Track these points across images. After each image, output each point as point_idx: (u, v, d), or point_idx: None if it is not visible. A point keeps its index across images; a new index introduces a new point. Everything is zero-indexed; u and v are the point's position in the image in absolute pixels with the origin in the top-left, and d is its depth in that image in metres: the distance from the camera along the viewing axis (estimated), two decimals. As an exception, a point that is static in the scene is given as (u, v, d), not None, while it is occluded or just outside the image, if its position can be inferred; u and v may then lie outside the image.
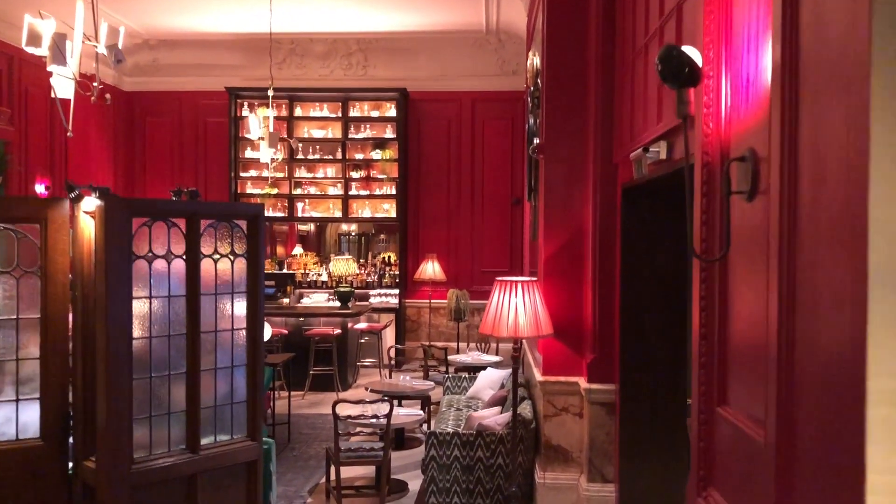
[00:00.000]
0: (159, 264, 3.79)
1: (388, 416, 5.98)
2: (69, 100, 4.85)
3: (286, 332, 10.31)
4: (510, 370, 8.03)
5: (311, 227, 13.54)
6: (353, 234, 13.91)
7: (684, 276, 5.45)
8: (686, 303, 5.44)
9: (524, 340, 7.79)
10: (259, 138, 9.15)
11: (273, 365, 7.38)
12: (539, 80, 6.60)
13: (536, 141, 6.56)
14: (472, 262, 12.80)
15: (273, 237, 13.47)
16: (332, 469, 6.07)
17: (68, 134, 4.92)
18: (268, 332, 7.63)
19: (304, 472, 7.00)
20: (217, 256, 4.01)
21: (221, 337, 4.04)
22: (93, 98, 4.85)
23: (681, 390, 5.45)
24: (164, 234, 3.79)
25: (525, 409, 6.35)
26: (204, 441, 3.99)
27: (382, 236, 13.77)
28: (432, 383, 8.17)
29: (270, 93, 9.54)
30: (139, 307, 3.71)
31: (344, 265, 11.03)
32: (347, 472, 6.99)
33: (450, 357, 9.74)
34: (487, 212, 12.72)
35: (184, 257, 3.87)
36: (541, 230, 6.10)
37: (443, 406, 7.80)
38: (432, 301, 12.36)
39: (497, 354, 10.21)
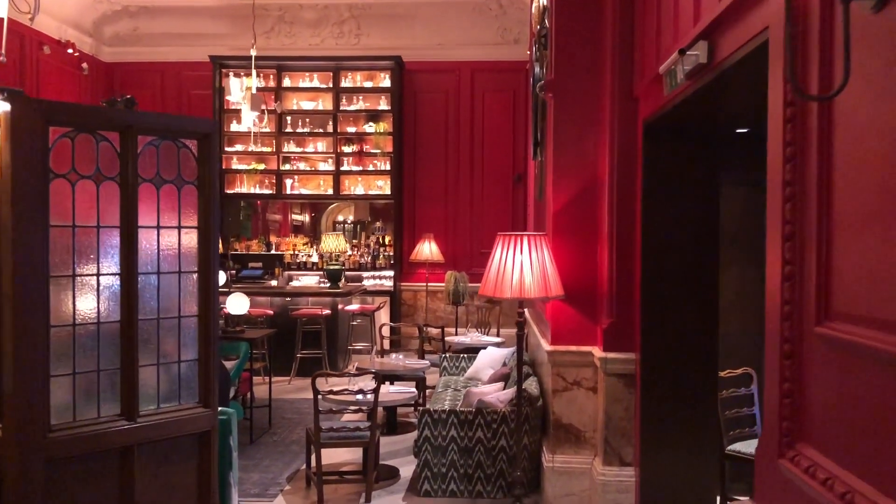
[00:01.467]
0: (85, 187, 3.07)
1: (376, 391, 5.26)
2: (1, 19, 4.13)
3: (271, 312, 9.60)
4: (513, 349, 7.33)
5: (307, 217, 12.77)
6: (350, 221, 13.18)
7: (716, 228, 4.74)
8: (716, 265, 4.74)
9: (528, 317, 7.09)
10: (240, 100, 8.42)
11: (250, 339, 6.67)
12: (546, 19, 5.89)
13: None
14: (472, 243, 12.08)
15: (266, 226, 12.73)
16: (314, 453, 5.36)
17: (1, 59, 4.20)
18: (243, 304, 6.92)
19: (283, 457, 6.29)
20: (160, 181, 3.29)
21: (167, 281, 3.33)
22: (32, 17, 4.13)
23: (711, 358, 4.74)
24: (92, 151, 3.08)
25: (531, 385, 5.65)
26: (144, 407, 3.28)
27: (378, 224, 13.01)
28: (427, 362, 7.46)
29: (253, 52, 8.81)
30: (59, 238, 3.00)
31: (334, 241, 10.31)
32: (332, 456, 6.28)
33: (447, 338, 9.03)
34: (487, 189, 12.01)
35: (117, 180, 3.16)
36: (549, 182, 5.39)
37: (439, 387, 7.09)
38: (429, 284, 11.64)
39: (498, 336, 9.50)
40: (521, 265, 4.81)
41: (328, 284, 10.33)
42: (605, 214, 5.00)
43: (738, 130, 5.15)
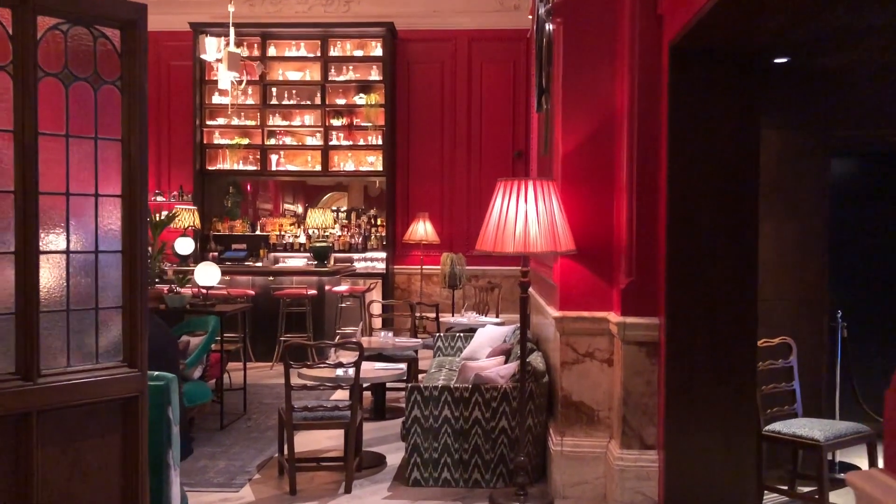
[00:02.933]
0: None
1: (357, 363, 4.55)
2: None
3: (252, 292, 8.87)
4: (514, 326, 6.62)
5: (299, 207, 11.98)
6: (343, 210, 12.43)
7: (756, 170, 4.03)
8: (756, 214, 4.04)
9: (532, 291, 6.40)
10: (216, 60, 7.71)
11: (220, 314, 5.97)
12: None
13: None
14: (469, 223, 11.36)
15: (256, 215, 12.00)
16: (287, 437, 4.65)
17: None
18: (213, 275, 6.21)
19: (257, 444, 5.59)
20: (70, 77, 2.58)
21: (79, 205, 2.62)
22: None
23: (749, 324, 4.04)
24: (-25, 30, 2.37)
25: (535, 360, 4.94)
26: (48, 365, 2.57)
27: (373, 212, 12.26)
28: (419, 341, 6.76)
29: (231, 7, 8.09)
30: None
31: (320, 216, 9.59)
32: (311, 442, 5.58)
33: (443, 318, 8.33)
34: (486, 166, 11.30)
35: (9, 70, 2.45)
36: (557, 123, 4.68)
37: (432, 368, 6.38)
38: (424, 267, 10.94)
39: (498, 316, 8.79)
40: (526, 215, 4.11)
41: (315, 264, 9.61)
42: (624, 157, 4.29)
43: (776, 60, 4.45)
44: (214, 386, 6.47)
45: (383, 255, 11.20)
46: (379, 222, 11.51)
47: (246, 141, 11.19)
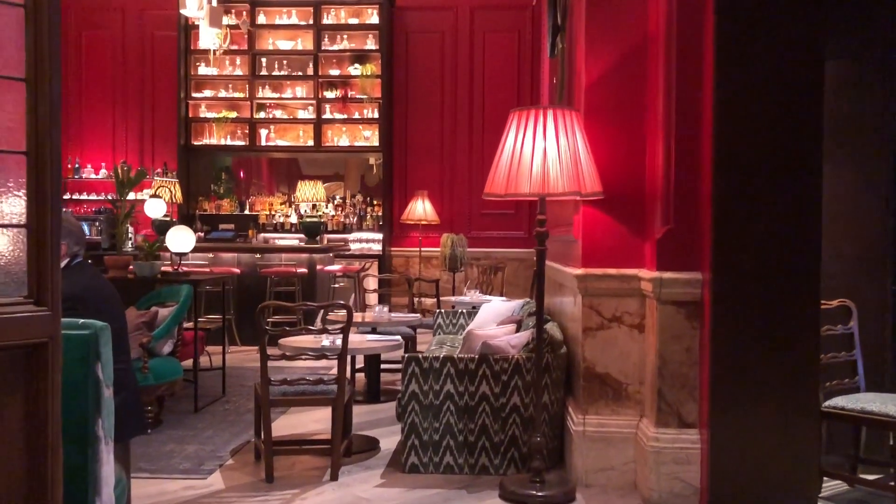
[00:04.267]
0: None
1: (345, 329, 3.90)
2: None
3: (237, 271, 8.22)
4: (521, 301, 5.99)
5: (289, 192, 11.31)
6: (339, 197, 11.76)
7: (821, 99, 3.38)
8: (820, 153, 3.38)
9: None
10: (197, 14, 7.06)
11: (193, 282, 5.31)
12: None
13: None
14: (471, 203, 10.74)
15: (245, 193, 11.33)
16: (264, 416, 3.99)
17: None
18: (187, 240, 5.55)
19: (233, 427, 4.94)
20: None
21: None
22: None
23: (811, 281, 3.39)
24: None
25: (552, 329, 4.29)
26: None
27: (375, 202, 11.60)
28: (418, 315, 6.11)
29: (213, -43, 7.44)
30: None
31: (311, 189, 8.92)
32: (295, 424, 4.93)
33: (443, 299, 7.69)
34: (489, 143, 10.63)
35: None
36: (579, 49, 4.03)
37: (432, 345, 5.73)
38: (423, 249, 10.29)
39: (502, 296, 8.14)
40: (545, 152, 3.46)
41: (306, 240, 8.96)
42: (660, 85, 3.65)
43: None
44: (193, 367, 5.84)
45: (379, 235, 10.55)
46: (375, 201, 10.86)
47: (234, 114, 10.54)
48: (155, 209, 5.64)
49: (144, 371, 4.72)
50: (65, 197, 10.89)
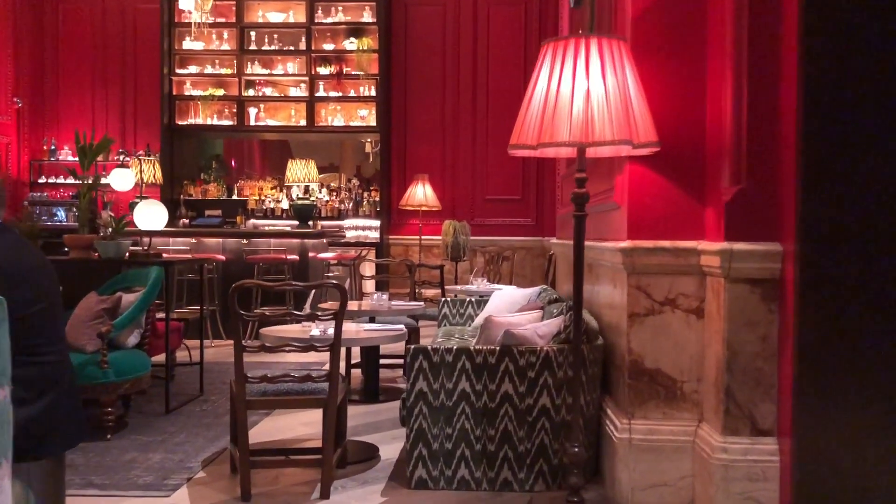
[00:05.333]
0: None
1: (339, 314, 3.20)
2: None
3: (222, 258, 7.53)
4: (538, 288, 5.30)
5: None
6: (334, 186, 11.07)
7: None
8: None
9: (561, 244, 5.10)
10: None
11: (163, 264, 4.60)
12: None
13: None
14: (474, 188, 10.08)
15: (234, 177, 10.62)
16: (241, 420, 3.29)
17: None
18: (157, 216, 4.85)
19: (208, 431, 4.24)
20: None
21: None
22: None
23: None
24: None
25: (584, 316, 3.58)
26: None
27: (372, 186, 10.92)
28: (421, 303, 5.42)
29: None
30: None
31: (303, 168, 8.22)
32: (282, 428, 4.25)
33: (448, 288, 7.00)
34: (493, 123, 9.99)
35: None
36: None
37: (438, 337, 5.03)
38: (423, 237, 9.61)
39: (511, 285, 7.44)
40: (588, 92, 2.76)
41: (297, 225, 8.27)
42: (728, 9, 2.95)
43: None
44: (165, 362, 5.16)
45: (377, 222, 9.88)
46: (371, 186, 10.17)
47: (221, 92, 9.86)
48: (122, 181, 4.93)
49: (103, 366, 4.03)
50: (39, 180, 10.19)
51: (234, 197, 10.13)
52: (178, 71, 9.85)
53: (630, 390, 3.14)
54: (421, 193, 9.38)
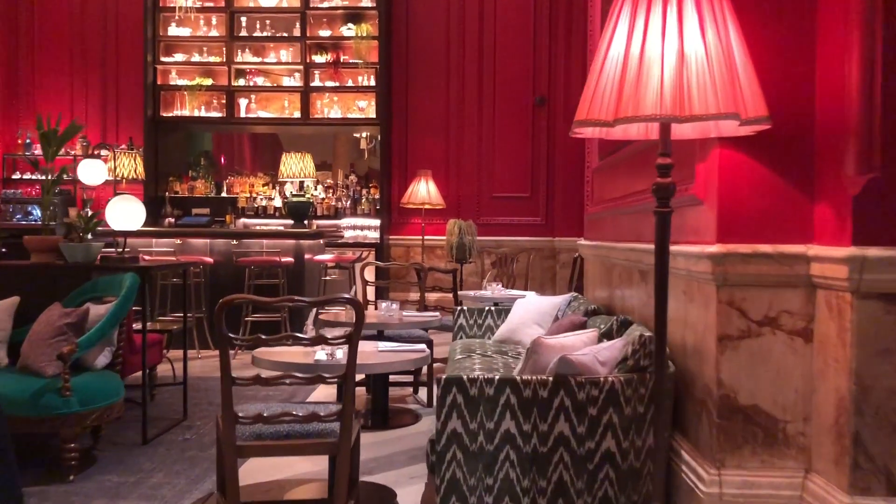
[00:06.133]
0: None
1: (354, 335, 2.55)
2: None
3: (210, 260, 6.87)
4: (569, 296, 4.67)
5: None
6: (329, 183, 10.39)
7: None
8: None
9: (589, 247, 4.49)
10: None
11: (141, 269, 3.93)
12: None
13: None
14: (480, 184, 9.44)
15: (223, 173, 9.93)
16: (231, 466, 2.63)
17: None
18: (135, 215, 4.18)
19: (192, 469, 3.58)
20: None
21: None
22: None
23: None
24: None
25: (640, 333, 2.95)
26: None
27: (371, 183, 10.24)
28: (437, 314, 4.78)
29: None
30: None
31: (298, 162, 7.55)
32: (278, 466, 3.58)
33: (461, 292, 6.36)
34: (501, 116, 9.37)
35: None
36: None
37: (456, 354, 4.37)
38: (426, 237, 8.97)
39: (525, 290, 6.81)
40: (681, 54, 2.12)
41: (292, 225, 7.61)
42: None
43: None
44: (149, 380, 4.51)
45: (376, 221, 9.22)
46: (371, 182, 9.51)
47: (209, 82, 9.18)
48: (91, 173, 4.25)
49: (65, 393, 3.37)
50: (14, 176, 9.48)
51: (224, 194, 9.45)
52: (163, 59, 9.17)
53: (719, 432, 2.51)
54: (424, 190, 8.74)
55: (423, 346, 3.49)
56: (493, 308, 5.04)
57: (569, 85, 9.06)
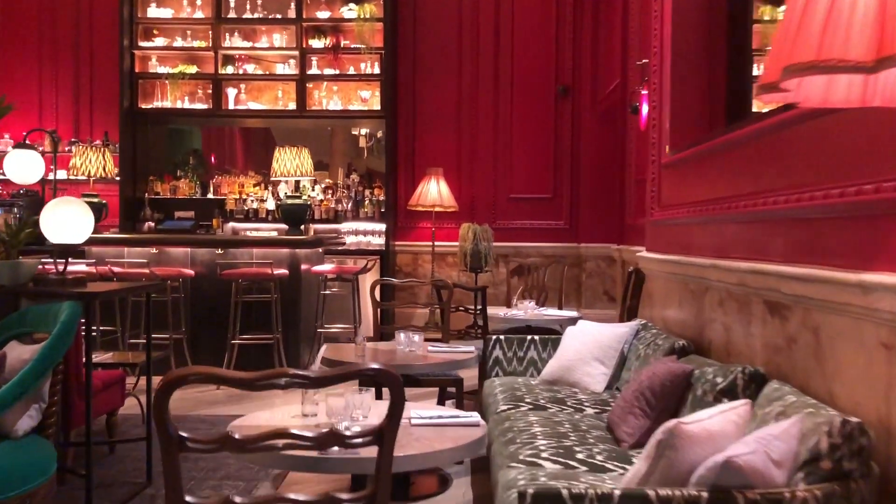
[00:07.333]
0: None
1: (391, 418, 1.55)
2: None
3: (191, 273, 5.88)
4: (636, 323, 3.69)
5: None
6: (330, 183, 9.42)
7: None
8: None
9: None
10: None
11: (86, 296, 2.92)
12: None
13: None
14: (496, 185, 8.51)
15: (209, 172, 8.94)
16: None
17: None
18: (80, 223, 3.18)
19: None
20: None
21: None
22: None
23: None
24: None
25: (797, 404, 1.96)
26: None
27: (375, 183, 9.24)
28: (472, 349, 3.79)
29: None
30: None
31: (294, 158, 6.56)
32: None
33: (489, 311, 5.39)
34: (519, 107, 8.44)
35: None
36: None
37: (499, 402, 3.37)
38: (436, 243, 8.01)
39: (561, 308, 5.83)
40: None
41: (287, 230, 6.62)
42: None
43: None
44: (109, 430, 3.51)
45: (381, 226, 8.24)
46: (375, 182, 8.54)
47: (193, 69, 8.22)
48: (22, 169, 3.25)
49: (-35, 478, 2.35)
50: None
51: (210, 195, 8.47)
52: (142, 44, 8.20)
53: None
54: (434, 191, 7.85)
55: (476, 415, 2.50)
56: (536, 338, 4.05)
57: (596, 72, 8.12)
